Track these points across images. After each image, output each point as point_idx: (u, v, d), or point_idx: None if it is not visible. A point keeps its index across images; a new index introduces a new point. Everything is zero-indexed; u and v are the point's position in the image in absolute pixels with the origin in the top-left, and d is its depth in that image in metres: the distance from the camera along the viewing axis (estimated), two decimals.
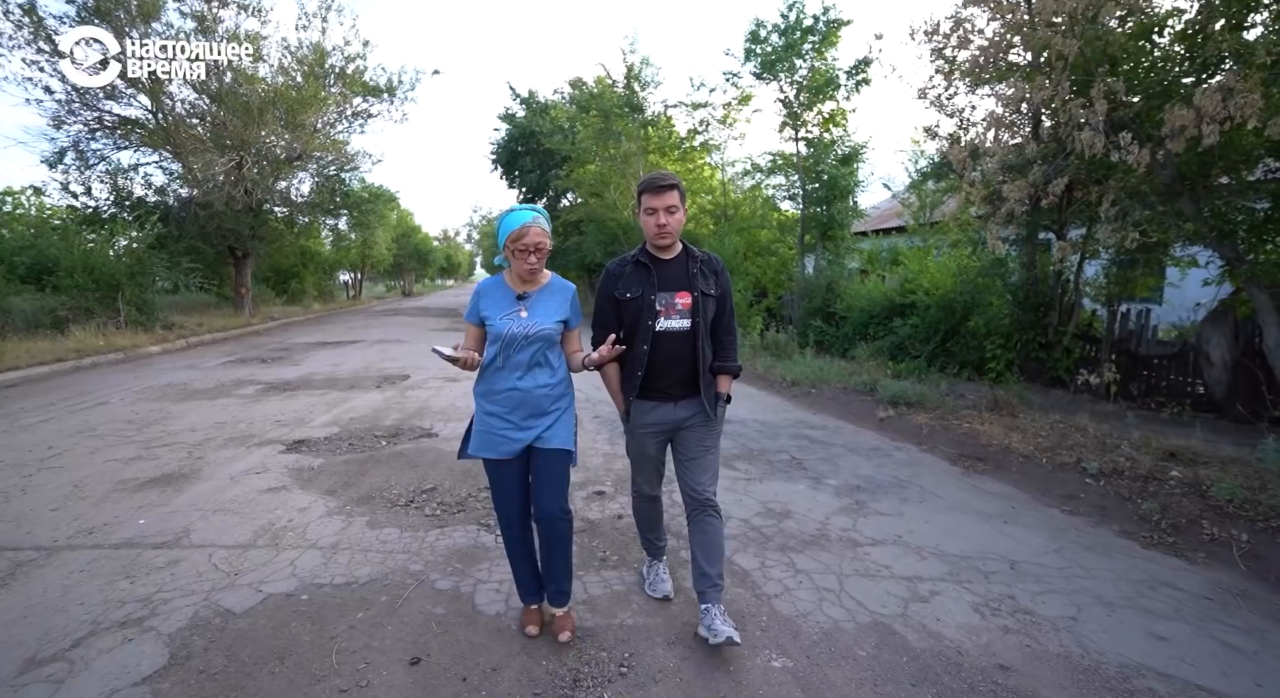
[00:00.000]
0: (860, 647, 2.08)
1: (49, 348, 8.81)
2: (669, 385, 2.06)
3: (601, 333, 2.08)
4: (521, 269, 1.95)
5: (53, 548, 2.71)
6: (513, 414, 1.97)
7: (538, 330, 1.95)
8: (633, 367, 2.06)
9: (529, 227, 1.88)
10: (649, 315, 2.01)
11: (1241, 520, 2.99)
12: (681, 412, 2.09)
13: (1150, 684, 1.89)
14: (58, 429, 4.87)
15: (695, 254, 2.10)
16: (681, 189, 2.02)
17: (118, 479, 3.65)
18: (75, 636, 2.04)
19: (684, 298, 2.03)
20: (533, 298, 2.00)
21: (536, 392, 1.98)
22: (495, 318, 1.96)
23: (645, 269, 2.06)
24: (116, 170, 14.87)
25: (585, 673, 1.93)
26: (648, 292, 2.02)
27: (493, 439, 1.99)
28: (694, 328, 2.03)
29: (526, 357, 1.96)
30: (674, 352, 2.03)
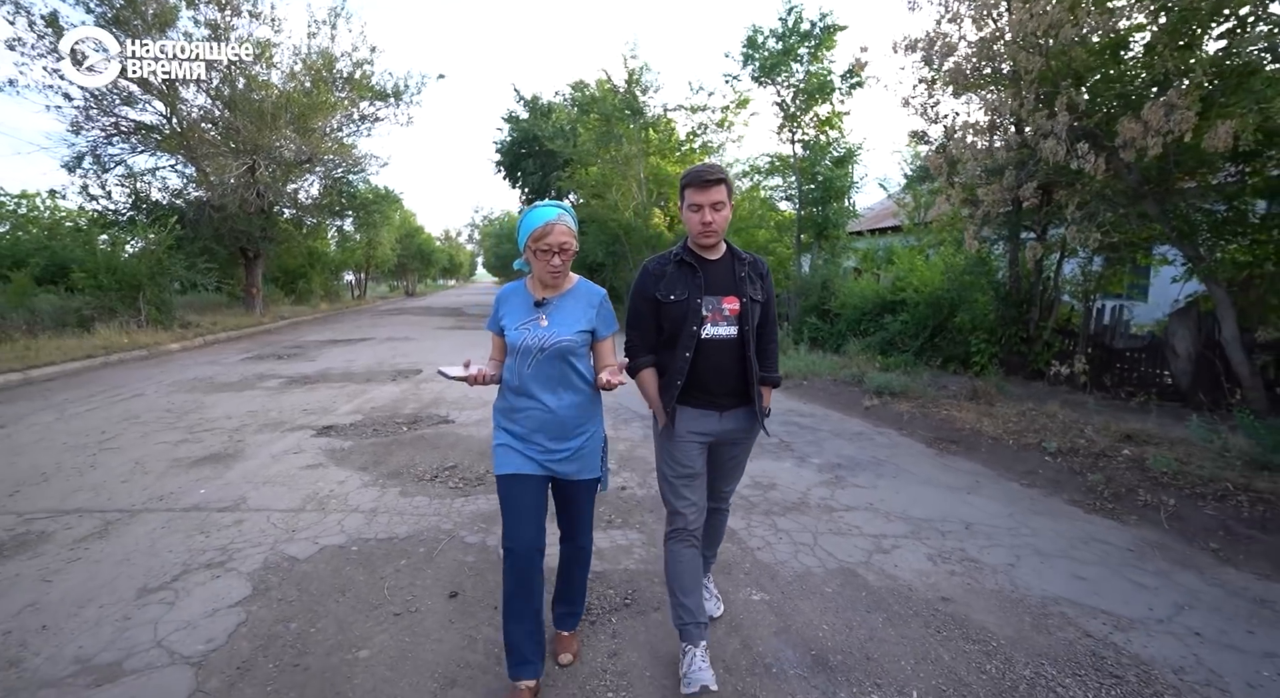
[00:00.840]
0: (827, 585, 2.48)
1: (77, 345, 9.23)
2: (715, 394, 1.90)
3: (637, 336, 1.94)
4: (543, 272, 1.74)
5: (133, 511, 3.11)
6: (535, 435, 1.79)
7: (556, 342, 1.74)
8: (673, 375, 1.87)
9: (553, 224, 1.69)
10: (694, 321, 1.82)
11: (1172, 489, 3.38)
12: (728, 423, 1.93)
13: (1063, 610, 2.28)
14: (104, 417, 5.28)
15: (742, 256, 1.93)
16: (729, 184, 1.84)
17: (172, 458, 4.06)
18: (172, 573, 2.45)
19: (732, 303, 1.85)
20: (553, 305, 1.80)
21: (561, 412, 1.78)
22: (512, 327, 1.78)
23: (690, 270, 1.86)
24: (133, 174, 15.32)
25: (596, 604, 2.32)
26: (694, 295, 1.83)
27: (513, 457, 1.80)
28: (742, 336, 1.86)
29: (548, 371, 1.77)
30: (719, 361, 1.86)
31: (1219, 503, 3.16)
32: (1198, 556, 2.74)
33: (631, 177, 15.25)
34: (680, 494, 1.94)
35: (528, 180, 22.48)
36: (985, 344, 7.61)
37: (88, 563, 2.54)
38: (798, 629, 2.16)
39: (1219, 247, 5.52)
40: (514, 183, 23.60)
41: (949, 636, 2.12)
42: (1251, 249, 5.44)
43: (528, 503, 1.77)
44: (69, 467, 3.84)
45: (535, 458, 1.79)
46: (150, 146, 15.12)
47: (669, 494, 1.97)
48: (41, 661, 1.89)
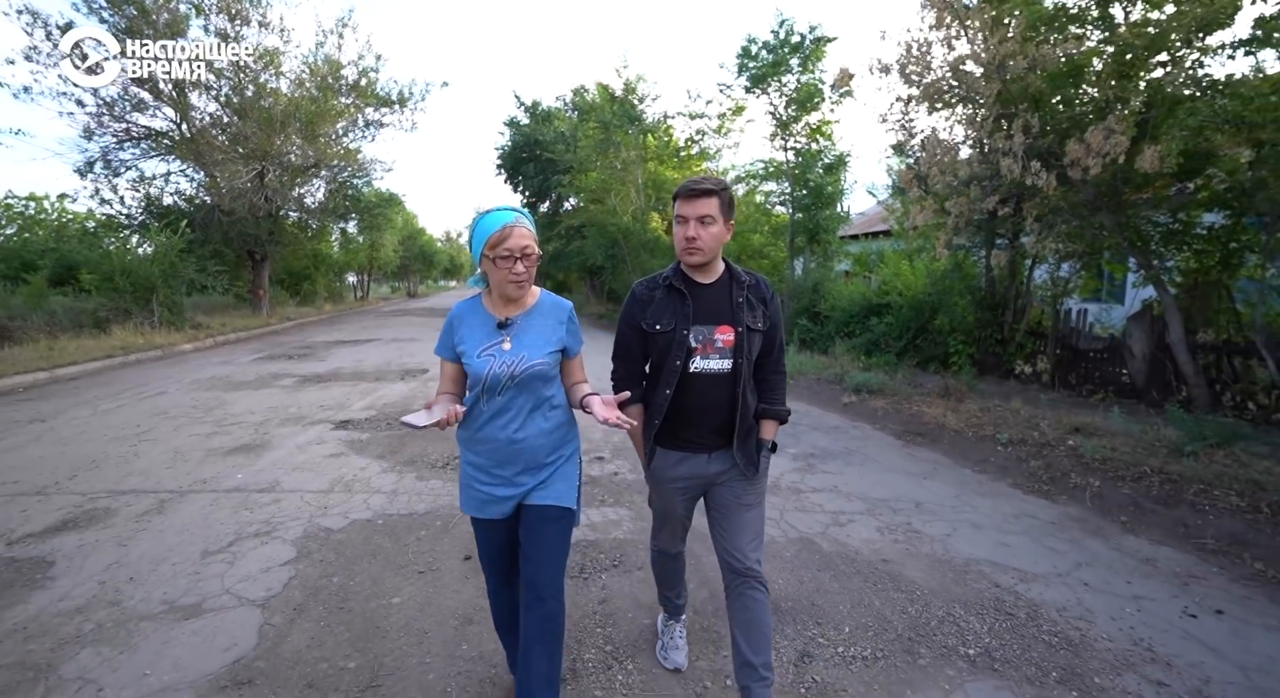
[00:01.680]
0: (786, 551, 2.90)
1: (96, 346, 9.65)
2: (702, 435, 1.71)
3: (624, 368, 1.77)
4: (505, 283, 1.52)
5: (181, 492, 3.53)
6: (501, 469, 1.59)
7: (527, 368, 1.54)
8: (653, 412, 1.71)
9: (512, 227, 1.49)
10: (679, 354, 1.64)
11: (1100, 472, 3.80)
12: (715, 465, 1.74)
13: (981, 568, 2.71)
14: (135, 412, 5.70)
15: (741, 278, 1.72)
16: (726, 198, 1.64)
17: (206, 448, 4.48)
18: (227, 540, 2.87)
19: (725, 333, 1.65)
20: (518, 324, 1.59)
21: (531, 442, 1.58)
22: (472, 354, 1.55)
23: (679, 296, 1.67)
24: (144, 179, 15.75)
25: (589, 565, 2.75)
26: (680, 325, 1.65)
27: (476, 496, 1.61)
28: (735, 370, 1.66)
29: (518, 401, 1.57)
30: (709, 398, 1.67)
31: (1135, 483, 3.59)
32: (1108, 526, 3.17)
33: (630, 182, 15.68)
34: (664, 528, 1.91)
35: (528, 184, 22.93)
36: (962, 345, 8.04)
37: (153, 533, 2.96)
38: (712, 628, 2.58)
39: (1167, 256, 5.95)
40: (515, 187, 24.05)
41: (882, 587, 2.54)
42: (1199, 258, 5.87)
43: (499, 543, 1.67)
44: (115, 455, 4.26)
45: (499, 494, 1.59)
46: (161, 152, 15.57)
47: (656, 521, 1.93)
48: (136, 602, 2.31)
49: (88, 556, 2.70)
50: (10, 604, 2.29)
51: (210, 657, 1.99)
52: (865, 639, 2.17)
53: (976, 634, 2.19)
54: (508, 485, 1.59)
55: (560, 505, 1.61)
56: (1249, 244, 5.39)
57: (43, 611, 2.25)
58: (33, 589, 2.40)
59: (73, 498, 3.40)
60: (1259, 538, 2.88)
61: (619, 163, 15.62)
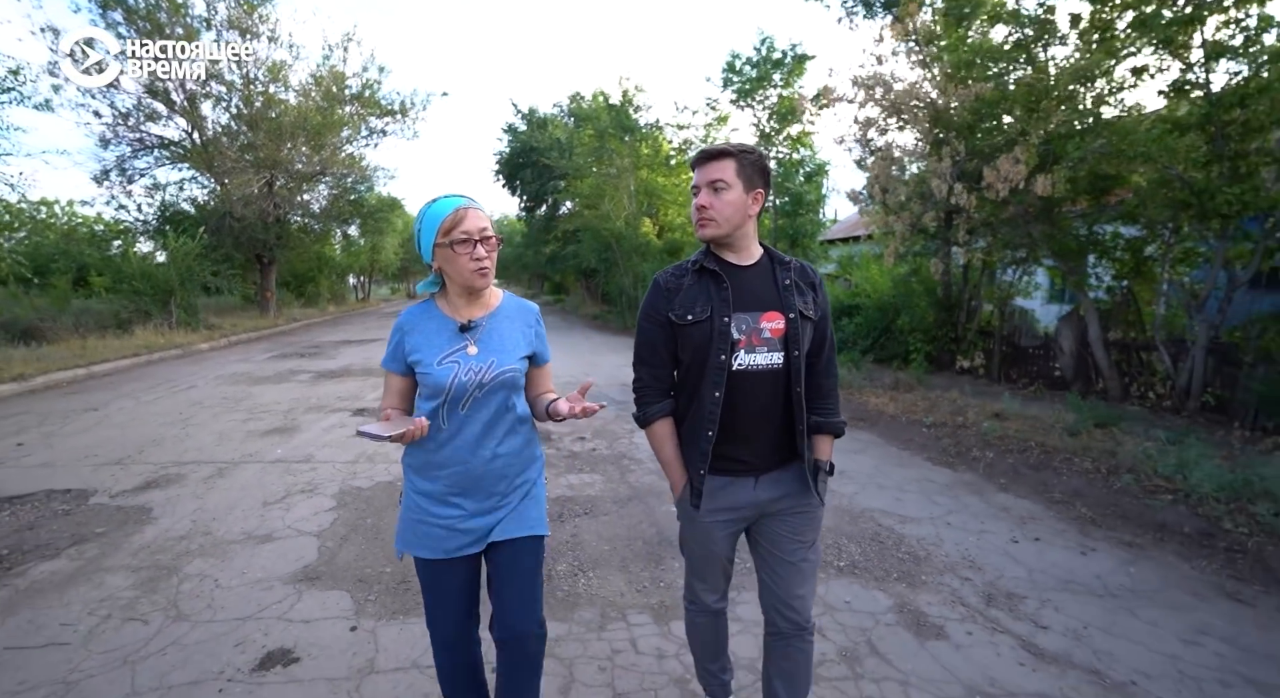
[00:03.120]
0: None
1: (121, 345, 10.38)
2: (750, 453, 1.45)
3: (649, 374, 1.49)
4: (467, 272, 1.35)
5: (233, 462, 4.28)
6: (462, 497, 1.39)
7: (498, 374, 1.38)
8: (699, 424, 1.43)
9: (465, 208, 1.34)
10: (721, 347, 1.39)
11: (996, 447, 4.57)
12: (765, 491, 1.47)
13: (874, 514, 3.47)
14: (174, 403, 6.44)
15: (785, 260, 1.49)
16: (748, 161, 1.40)
17: (245, 430, 5.22)
18: (280, 495, 3.62)
19: (774, 320, 1.42)
20: (483, 327, 1.42)
21: (499, 463, 1.41)
22: (431, 363, 1.37)
23: (714, 279, 1.44)
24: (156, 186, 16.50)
25: (565, 513, 3.50)
26: (719, 311, 1.40)
27: (429, 531, 1.39)
28: (789, 365, 1.42)
29: (484, 414, 1.39)
30: (759, 401, 1.42)
31: (1020, 455, 4.36)
32: (987, 487, 3.93)
33: (623, 188, 16.43)
34: (701, 576, 1.59)
35: (526, 189, 23.67)
36: (921, 343, 8.80)
37: (220, 490, 3.71)
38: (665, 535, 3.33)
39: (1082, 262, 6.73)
40: (513, 191, 24.81)
41: None
42: (1117, 265, 6.64)
43: (455, 586, 1.43)
44: (169, 436, 5.01)
45: (465, 527, 1.38)
46: (174, 160, 16.31)
47: (690, 570, 1.61)
48: (223, 533, 3.06)
49: (175, 505, 3.45)
50: (131, 534, 3.04)
51: (286, 565, 2.74)
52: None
53: (850, 554, 2.95)
54: (476, 516, 1.37)
55: (535, 535, 1.44)
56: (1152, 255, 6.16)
57: (156, 538, 3.00)
58: (143, 525, 3.15)
59: (147, 467, 4.15)
60: (1091, 491, 3.64)
61: (614, 169, 16.38)
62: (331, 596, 2.47)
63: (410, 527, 1.41)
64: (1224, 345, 5.63)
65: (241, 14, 14.70)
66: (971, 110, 5.66)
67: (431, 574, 1.42)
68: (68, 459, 4.31)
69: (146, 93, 14.91)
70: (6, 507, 3.38)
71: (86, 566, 2.70)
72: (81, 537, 3.00)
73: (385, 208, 24.10)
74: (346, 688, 1.90)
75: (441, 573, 1.41)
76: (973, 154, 5.75)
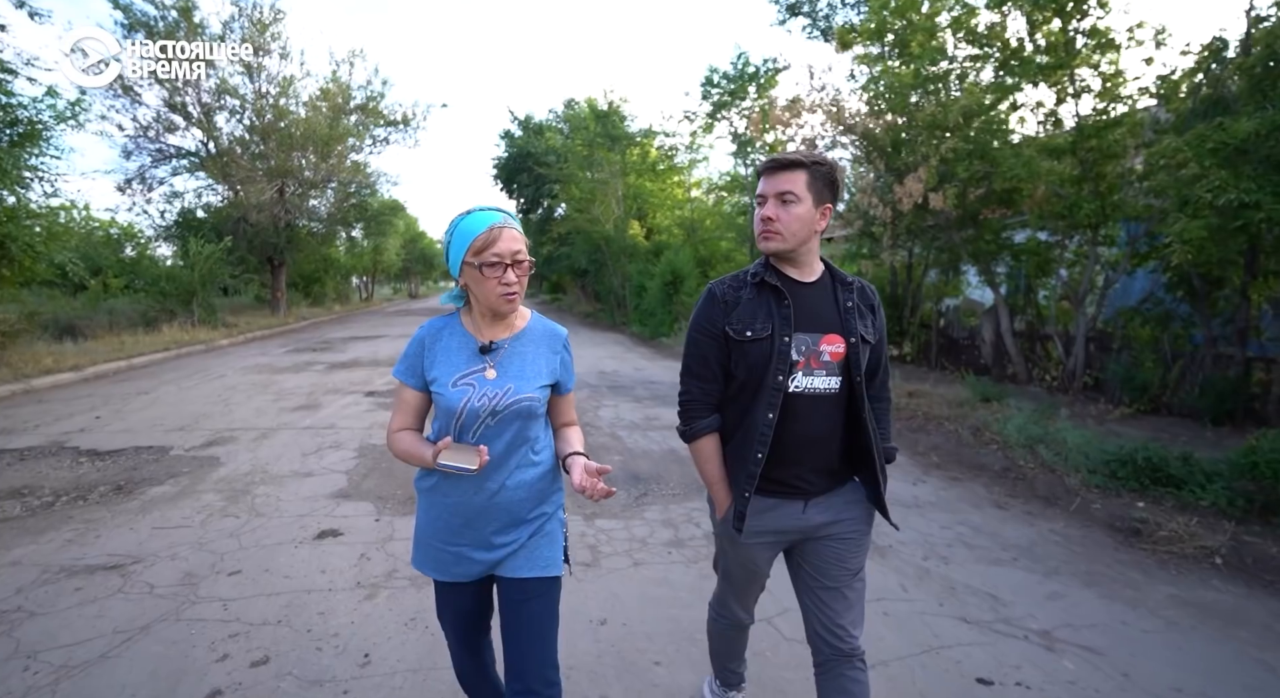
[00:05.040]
0: (656, 453, 4.67)
1: (152, 341, 11.45)
2: (800, 475, 1.38)
3: (698, 388, 1.42)
4: (494, 297, 1.25)
5: (273, 429, 5.33)
6: (465, 528, 1.31)
7: (513, 402, 1.28)
8: (748, 445, 1.35)
9: (500, 228, 1.23)
10: (780, 367, 1.32)
11: (902, 419, 5.58)
12: (815, 516, 1.40)
13: None
14: (211, 388, 7.49)
15: (846, 279, 1.42)
16: (821, 173, 1.32)
17: (277, 407, 6.27)
18: (314, 449, 4.67)
19: (834, 343, 1.35)
20: (505, 350, 1.33)
21: (509, 495, 1.30)
22: (446, 383, 1.27)
23: (776, 295, 1.36)
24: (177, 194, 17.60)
25: None
26: (780, 330, 1.33)
27: (440, 556, 1.34)
28: (850, 391, 1.37)
29: (497, 443, 1.28)
30: (812, 425, 1.35)
31: (907, 421, 5.38)
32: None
33: (611, 194, 17.46)
34: (737, 596, 1.57)
35: (522, 192, 24.70)
36: None
37: (266, 446, 4.76)
38: (631, 468, 4.36)
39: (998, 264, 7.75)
40: (510, 194, 25.84)
41: None
42: (1024, 267, 7.65)
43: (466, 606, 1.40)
44: (215, 412, 6.06)
45: (470, 557, 1.32)
46: (191, 169, 17.40)
47: (724, 586, 1.59)
48: (275, 472, 4.11)
49: (235, 455, 4.50)
50: (209, 472, 4.09)
51: (325, 489, 3.78)
52: (679, 486, 3.96)
53: None
54: (481, 548, 1.31)
55: (547, 576, 1.35)
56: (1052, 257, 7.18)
57: (228, 474, 4.05)
58: (216, 467, 4.20)
59: (204, 432, 5.20)
60: (946, 445, 4.67)
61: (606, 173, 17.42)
62: (360, 504, 3.51)
63: (421, 545, 1.37)
64: (1100, 335, 6.65)
65: (254, 32, 15.75)
66: (887, 135, 6.67)
67: (442, 595, 1.39)
68: (140, 427, 5.36)
69: (166, 107, 15.99)
70: (109, 457, 4.44)
71: (184, 490, 3.75)
72: (174, 474, 4.06)
73: (388, 211, 25.16)
74: (375, 547, 2.95)
75: (451, 594, 1.38)
76: (891, 171, 6.76)
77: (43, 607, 2.37)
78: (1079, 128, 5.88)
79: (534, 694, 1.29)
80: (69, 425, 5.45)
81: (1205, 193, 3.91)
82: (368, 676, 1.98)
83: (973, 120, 6.01)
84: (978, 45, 6.15)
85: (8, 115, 7.74)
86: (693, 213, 17.61)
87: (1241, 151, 3.82)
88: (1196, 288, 5.50)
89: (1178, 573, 2.73)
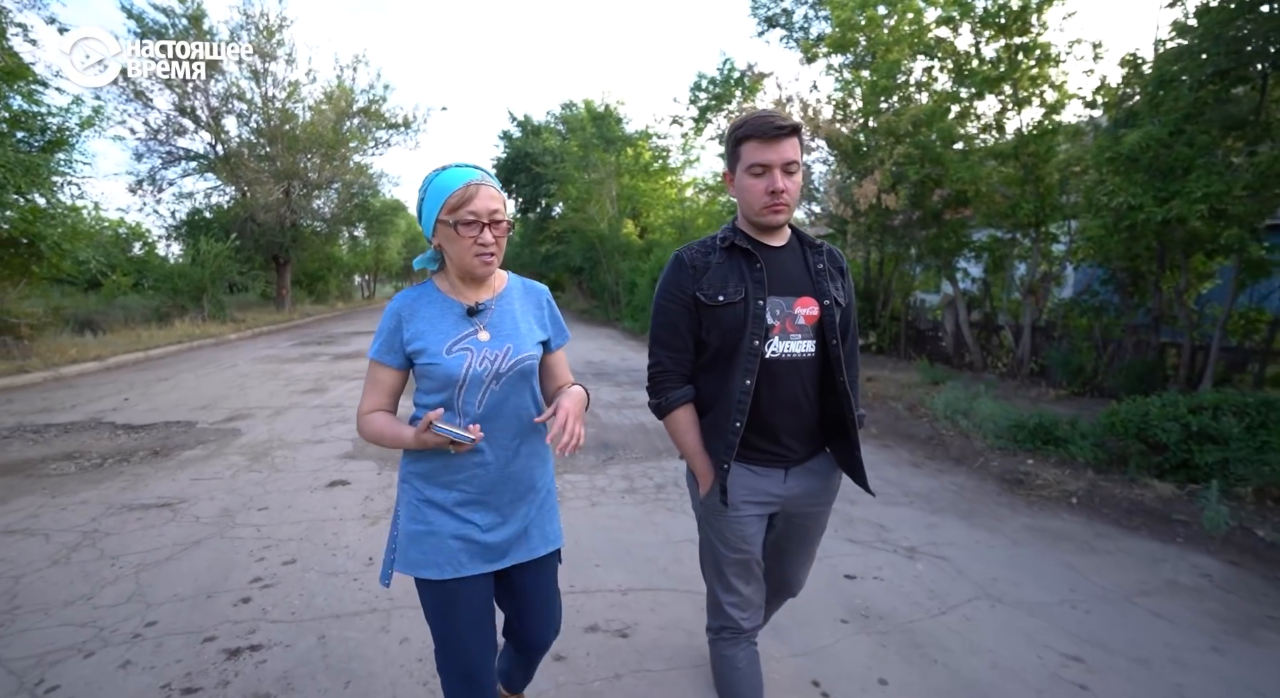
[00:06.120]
0: (626, 426, 5.25)
1: (165, 335, 12.04)
2: (781, 442, 1.34)
3: (671, 357, 1.36)
4: (469, 257, 1.17)
5: (284, 407, 5.92)
6: (482, 506, 1.23)
7: (516, 362, 1.22)
8: (725, 414, 1.30)
9: (477, 184, 1.15)
10: (756, 332, 1.27)
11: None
12: (797, 484, 1.38)
13: None
14: (226, 376, 8.09)
15: (815, 243, 1.39)
16: (801, 137, 1.28)
17: (288, 391, 6.87)
18: (324, 422, 5.26)
19: (808, 306, 1.31)
20: (492, 310, 1.25)
21: (520, 464, 1.25)
22: (439, 351, 1.18)
23: (747, 258, 1.31)
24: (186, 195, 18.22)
25: None
26: (754, 294, 1.28)
27: (440, 546, 1.20)
28: (826, 354, 1.32)
29: (504, 407, 1.22)
30: (790, 391, 1.31)
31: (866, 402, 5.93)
32: None
33: (605, 194, 18.04)
34: (731, 587, 1.41)
35: (521, 192, 25.29)
36: None
37: (281, 421, 5.35)
38: (603, 438, 4.94)
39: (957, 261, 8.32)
40: (509, 193, 26.47)
41: (663, 437, 4.90)
42: (981, 261, 8.21)
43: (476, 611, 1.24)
44: (232, 394, 6.65)
45: (477, 541, 1.22)
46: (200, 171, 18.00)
47: (715, 585, 1.46)
48: (290, 440, 4.70)
49: (254, 428, 5.09)
50: (232, 440, 4.68)
51: (334, 452, 4.37)
52: (642, 452, 4.54)
53: None
54: (496, 528, 1.22)
55: (558, 547, 1.34)
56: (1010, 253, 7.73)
57: (249, 441, 4.64)
58: (238, 437, 4.79)
59: (224, 411, 5.79)
60: (886, 420, 5.24)
61: (601, 173, 18.00)
62: (365, 462, 4.11)
63: (415, 543, 1.21)
64: (1046, 325, 7.21)
65: (261, 39, 16.35)
66: (849, 141, 7.24)
67: (444, 598, 1.21)
68: (166, 406, 5.96)
69: (176, 111, 16.60)
70: (143, 430, 5.03)
71: (212, 454, 4.34)
72: (202, 441, 4.65)
73: (389, 211, 25.79)
74: (377, 492, 3.53)
75: (457, 596, 1.21)
76: (854, 173, 7.33)
77: (114, 530, 2.96)
78: (1020, 134, 6.44)
79: (541, 648, 1.40)
80: (102, 406, 6.05)
81: (1103, 196, 4.47)
82: (371, 571, 2.56)
83: (921, 128, 6.57)
84: (930, 57, 6.70)
85: (38, 123, 8.33)
86: (684, 212, 18.17)
87: (1132, 160, 4.38)
88: (1121, 281, 6.05)
89: (1039, 510, 3.30)
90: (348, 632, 2.11)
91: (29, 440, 4.71)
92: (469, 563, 1.21)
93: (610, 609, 2.28)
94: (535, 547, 1.29)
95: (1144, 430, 3.41)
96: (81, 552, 2.71)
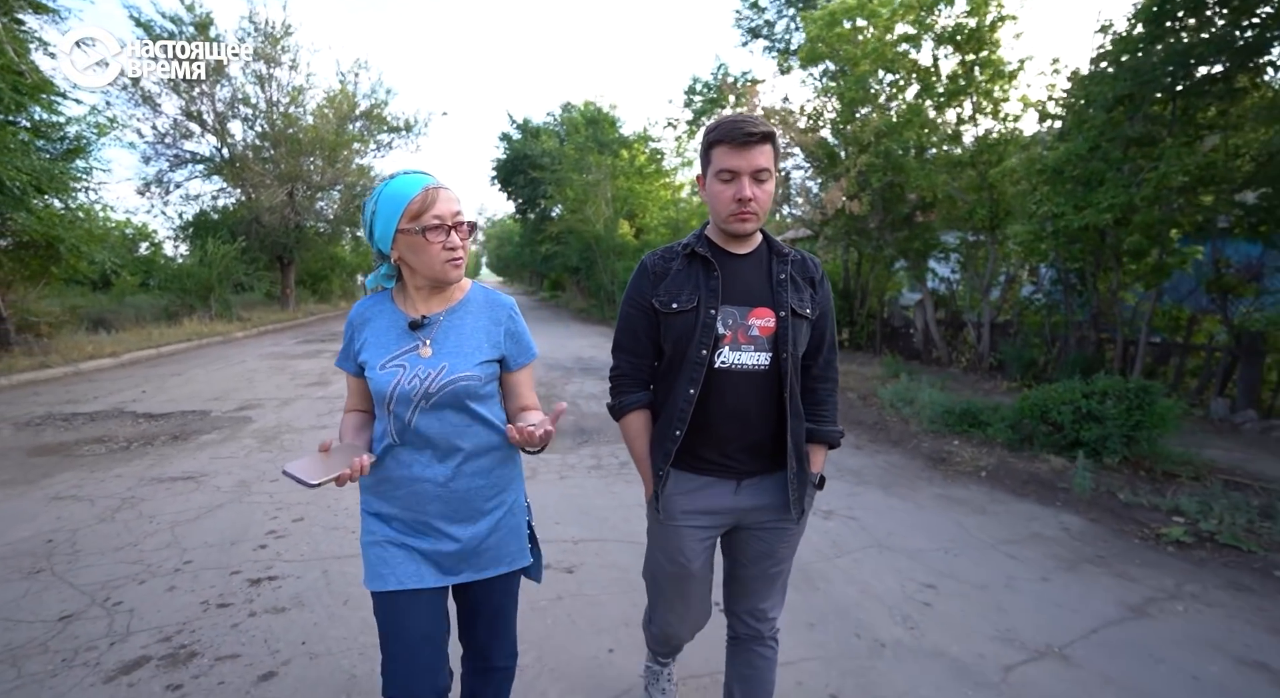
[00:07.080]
0: (604, 415, 5.72)
1: (174, 333, 12.56)
2: (728, 454, 1.31)
3: (629, 361, 1.38)
4: (440, 264, 1.15)
5: (291, 398, 6.42)
6: (419, 524, 1.21)
7: (448, 382, 1.17)
8: (668, 421, 1.30)
9: (435, 188, 1.13)
10: (704, 340, 1.25)
11: None
12: (746, 498, 1.34)
13: None
14: (235, 371, 8.59)
15: (783, 251, 1.34)
16: (777, 144, 1.25)
17: (294, 384, 7.36)
18: (329, 411, 5.76)
19: (763, 317, 1.27)
20: (439, 325, 1.21)
21: (461, 483, 1.21)
22: (375, 365, 1.18)
23: (705, 266, 1.30)
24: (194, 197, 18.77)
25: None
26: (706, 302, 1.27)
27: (385, 555, 1.20)
28: (777, 367, 1.27)
29: (438, 426, 1.18)
30: (740, 403, 1.28)
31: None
32: None
33: (601, 195, 18.52)
34: (668, 603, 1.43)
35: (520, 193, 25.79)
36: None
37: (289, 410, 5.84)
38: (580, 425, 5.42)
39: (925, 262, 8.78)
40: (508, 195, 26.96)
41: None
42: (950, 263, 8.68)
43: (420, 629, 1.19)
44: (242, 387, 7.15)
45: (427, 553, 1.20)
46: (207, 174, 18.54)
47: (654, 599, 1.46)
48: (299, 426, 5.19)
49: (264, 416, 5.58)
50: (245, 426, 5.18)
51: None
52: (615, 436, 5.01)
53: None
54: (444, 539, 1.20)
55: (513, 570, 1.28)
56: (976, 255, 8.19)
57: (260, 427, 5.13)
58: (250, 424, 5.29)
59: (236, 401, 6.29)
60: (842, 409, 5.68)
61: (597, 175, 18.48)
62: None
63: (365, 552, 1.22)
64: (1004, 323, 7.68)
65: (266, 46, 16.86)
66: (820, 149, 7.71)
67: (390, 611, 1.19)
68: (181, 397, 6.46)
69: (183, 115, 17.12)
70: (162, 418, 5.53)
71: (227, 437, 4.84)
72: (216, 427, 5.15)
73: None
74: None
75: (402, 609, 1.18)
76: (827, 178, 7.79)
77: (148, 497, 3.45)
78: (976, 144, 6.90)
79: (498, 670, 1.34)
80: (121, 397, 6.56)
81: (1032, 204, 4.94)
82: None
83: (883, 139, 7.04)
84: (893, 72, 7.16)
85: (58, 132, 8.84)
86: (679, 213, 18.64)
87: (1057, 172, 4.84)
88: (1068, 281, 6.51)
89: (951, 482, 3.77)
90: (347, 568, 2.60)
91: (60, 427, 5.21)
92: (410, 575, 1.18)
93: (562, 554, 2.76)
94: (485, 566, 1.25)
95: (1046, 413, 3.88)
96: (123, 513, 3.21)
